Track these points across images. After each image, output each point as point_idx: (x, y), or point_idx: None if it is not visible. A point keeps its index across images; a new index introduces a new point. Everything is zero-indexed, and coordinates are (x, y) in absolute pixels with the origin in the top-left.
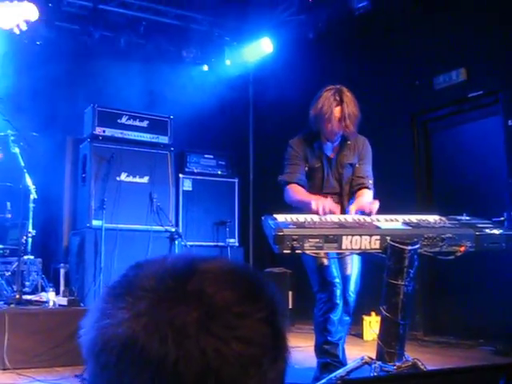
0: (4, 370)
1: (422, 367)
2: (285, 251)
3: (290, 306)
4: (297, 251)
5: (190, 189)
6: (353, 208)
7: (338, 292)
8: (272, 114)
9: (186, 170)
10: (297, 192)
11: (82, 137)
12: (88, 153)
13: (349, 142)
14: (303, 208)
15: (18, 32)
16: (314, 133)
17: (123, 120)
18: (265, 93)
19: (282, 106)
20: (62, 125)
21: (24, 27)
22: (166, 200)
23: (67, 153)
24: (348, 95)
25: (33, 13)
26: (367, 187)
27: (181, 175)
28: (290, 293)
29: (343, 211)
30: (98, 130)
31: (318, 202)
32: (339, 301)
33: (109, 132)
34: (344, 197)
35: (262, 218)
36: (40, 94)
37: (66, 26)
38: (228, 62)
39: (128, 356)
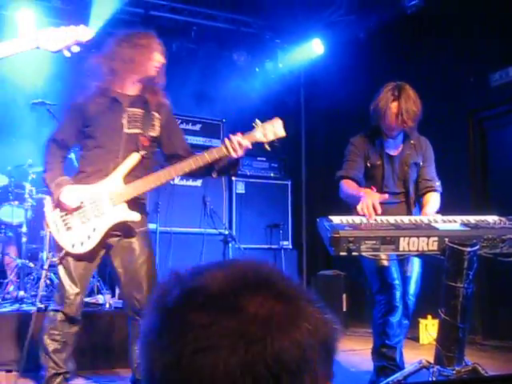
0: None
1: (483, 372)
2: (341, 253)
3: (344, 309)
4: (353, 253)
5: (243, 191)
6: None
7: (398, 294)
8: (324, 115)
9: (239, 172)
10: (349, 186)
11: None
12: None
13: (412, 141)
14: (354, 202)
15: (68, 55)
16: (376, 129)
17: None
18: (316, 94)
19: (334, 106)
20: None
21: (76, 49)
22: (219, 203)
23: None
24: (407, 91)
25: (86, 34)
26: (435, 190)
27: (234, 178)
28: (344, 295)
29: (409, 212)
30: None
31: (363, 204)
32: (399, 303)
33: None
34: (410, 198)
35: (317, 220)
36: None
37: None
38: (279, 65)
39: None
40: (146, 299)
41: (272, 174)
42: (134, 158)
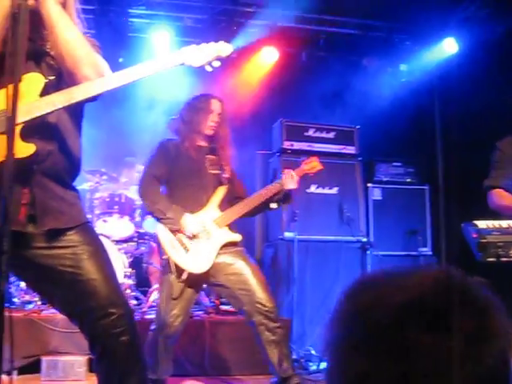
0: (206, 375)
1: None
2: (489, 259)
3: None
4: (502, 259)
5: (380, 198)
6: None
7: None
8: (459, 117)
9: (375, 179)
10: (502, 197)
11: (271, 151)
12: (278, 166)
13: None
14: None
15: (210, 70)
16: None
17: (310, 133)
18: (451, 95)
19: (470, 108)
20: (251, 140)
21: (217, 64)
22: (355, 210)
23: (257, 167)
24: None
25: (226, 50)
26: None
27: (369, 184)
28: None
29: None
30: (287, 144)
31: None
32: None
33: (297, 145)
34: None
35: (462, 225)
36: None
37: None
38: (410, 67)
39: None
40: (268, 302)
41: (408, 180)
42: (222, 190)
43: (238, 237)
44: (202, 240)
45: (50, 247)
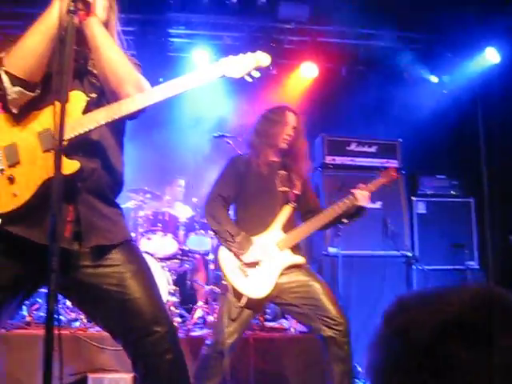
0: None
1: None
2: None
3: None
4: None
5: (424, 211)
6: None
7: None
8: (503, 128)
9: (419, 192)
10: None
11: (313, 166)
12: (320, 182)
13: None
14: None
15: (250, 80)
16: None
17: (352, 147)
18: (493, 106)
19: None
20: None
21: (256, 74)
22: (400, 224)
23: None
24: None
25: (265, 60)
26: None
27: (413, 198)
28: None
29: None
30: (328, 159)
31: None
32: None
33: (339, 160)
34: None
35: (510, 237)
36: None
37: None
38: (451, 78)
39: None
40: (339, 316)
41: (453, 192)
42: (287, 211)
43: (300, 259)
44: (263, 264)
45: (95, 266)
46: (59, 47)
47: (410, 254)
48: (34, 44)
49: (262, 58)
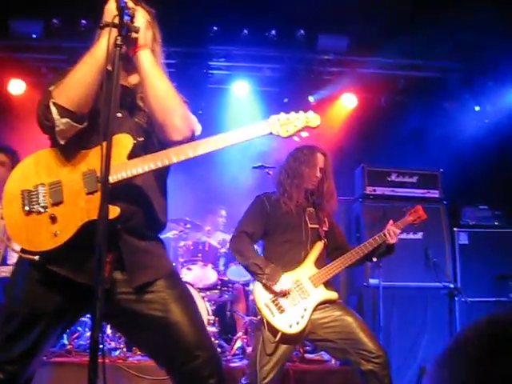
0: None
1: None
2: None
3: None
4: None
5: (467, 242)
6: None
7: None
8: None
9: (461, 223)
10: None
11: (354, 197)
12: (360, 212)
13: None
14: None
15: (297, 139)
16: None
17: (392, 177)
18: None
19: None
20: None
21: (305, 135)
22: (441, 255)
23: (339, 213)
24: None
25: (315, 120)
26: None
27: (455, 229)
28: None
29: None
30: (369, 190)
31: None
32: None
33: (379, 190)
34: None
35: None
36: None
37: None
38: (492, 107)
39: None
40: (377, 349)
41: (496, 223)
42: (319, 246)
43: (334, 295)
44: (298, 299)
45: (138, 292)
46: (106, 82)
47: (452, 286)
48: (82, 75)
49: (313, 119)
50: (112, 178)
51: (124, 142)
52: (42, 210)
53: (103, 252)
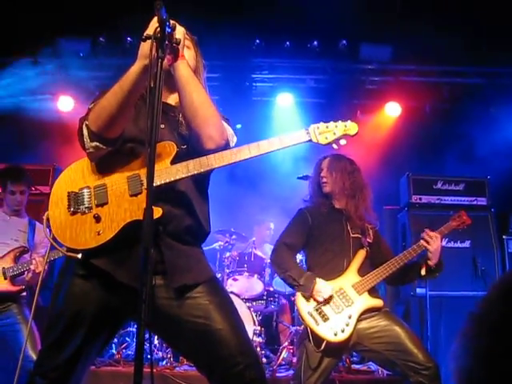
0: None
1: None
2: None
3: None
4: None
5: None
6: None
7: None
8: None
9: (510, 230)
10: None
11: (399, 206)
12: (406, 221)
13: None
14: None
15: (336, 147)
16: None
17: (438, 185)
18: None
19: None
20: (378, 195)
21: (343, 143)
22: (490, 263)
23: (385, 223)
24: None
25: (354, 129)
26: None
27: (504, 236)
28: None
29: None
30: (415, 198)
31: None
32: None
33: (425, 199)
34: None
35: None
36: None
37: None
38: None
39: None
40: (426, 360)
41: None
42: (362, 254)
43: (379, 302)
44: (342, 307)
45: (178, 298)
46: (149, 96)
47: None
48: (108, 104)
49: (351, 127)
50: (155, 182)
51: (168, 148)
52: (86, 210)
53: (149, 253)
